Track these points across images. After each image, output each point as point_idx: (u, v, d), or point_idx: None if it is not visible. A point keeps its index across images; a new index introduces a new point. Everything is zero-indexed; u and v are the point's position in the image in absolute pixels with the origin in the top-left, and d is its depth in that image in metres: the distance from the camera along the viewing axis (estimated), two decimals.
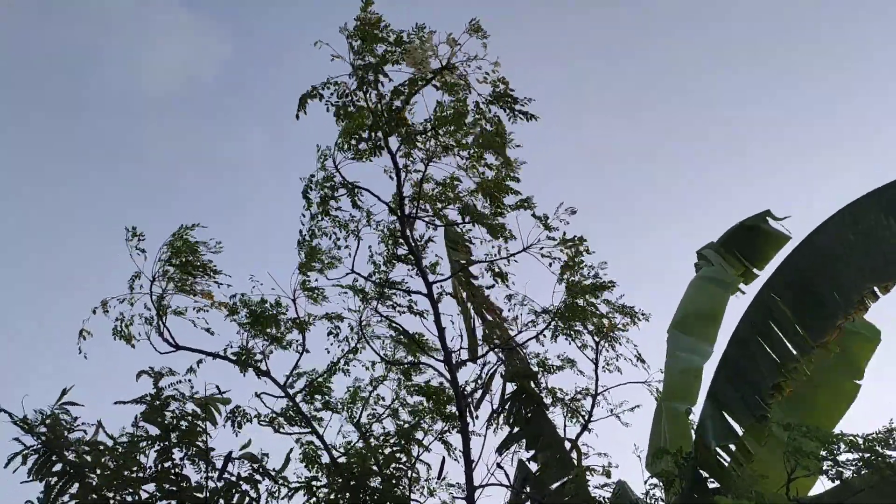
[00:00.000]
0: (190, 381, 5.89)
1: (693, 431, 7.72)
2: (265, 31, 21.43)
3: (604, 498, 7.77)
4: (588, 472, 7.88)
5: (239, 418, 7.79)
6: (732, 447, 6.89)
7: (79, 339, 7.53)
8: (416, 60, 7.68)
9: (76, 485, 5.00)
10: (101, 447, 5.20)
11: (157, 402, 5.33)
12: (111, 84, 20.70)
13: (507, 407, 8.40)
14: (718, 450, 6.91)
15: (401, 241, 8.70)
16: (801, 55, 21.27)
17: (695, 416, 7.96)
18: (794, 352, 6.69)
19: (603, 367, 8.49)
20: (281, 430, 8.31)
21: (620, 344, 8.46)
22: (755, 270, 9.16)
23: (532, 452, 8.31)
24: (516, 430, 8.34)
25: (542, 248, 8.26)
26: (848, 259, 6.85)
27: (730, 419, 6.80)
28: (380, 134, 8.05)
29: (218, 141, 21.66)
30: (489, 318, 8.93)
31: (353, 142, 8.12)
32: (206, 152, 21.63)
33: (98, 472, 5.05)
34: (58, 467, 5.00)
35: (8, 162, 18.53)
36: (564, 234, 8.16)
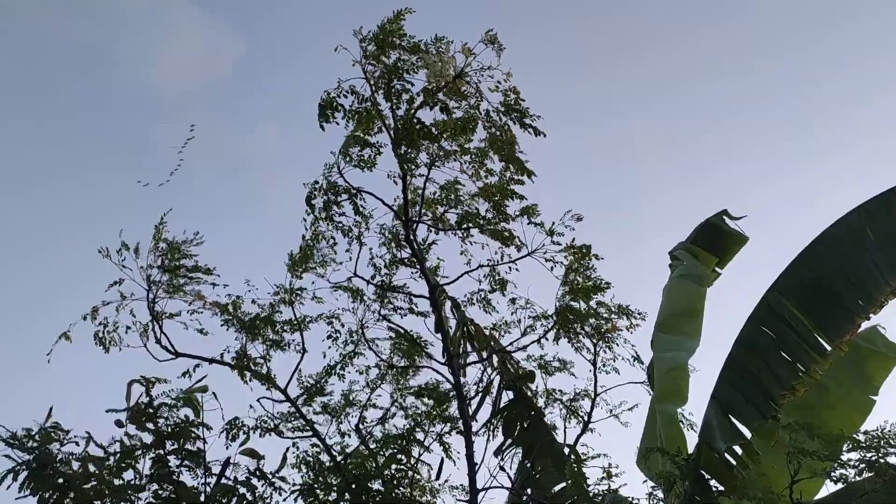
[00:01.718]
0: (180, 389, 5.79)
1: (688, 432, 7.69)
2: (277, 29, 21.42)
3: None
4: (584, 461, 7.84)
5: (234, 431, 7.37)
6: (738, 449, 6.81)
7: (56, 342, 7.41)
8: (437, 73, 7.65)
9: (69, 498, 4.94)
10: (94, 458, 5.15)
11: (147, 407, 5.28)
12: (125, 82, 20.70)
13: (504, 416, 8.36)
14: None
15: (403, 244, 8.67)
16: (802, 58, 21.36)
17: (690, 415, 7.94)
18: (810, 353, 6.66)
19: (600, 367, 8.46)
20: (281, 434, 8.25)
21: (618, 345, 8.45)
22: (717, 269, 9.17)
23: (528, 461, 8.27)
24: (510, 440, 8.30)
25: (545, 253, 8.23)
26: (866, 258, 6.83)
27: (736, 421, 6.74)
28: (389, 137, 8.02)
29: (228, 139, 21.66)
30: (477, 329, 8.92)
31: (358, 148, 8.09)
32: (216, 150, 21.62)
33: (92, 482, 5.00)
34: (50, 481, 4.94)
35: (13, 162, 18.58)
36: (574, 239, 8.14)
